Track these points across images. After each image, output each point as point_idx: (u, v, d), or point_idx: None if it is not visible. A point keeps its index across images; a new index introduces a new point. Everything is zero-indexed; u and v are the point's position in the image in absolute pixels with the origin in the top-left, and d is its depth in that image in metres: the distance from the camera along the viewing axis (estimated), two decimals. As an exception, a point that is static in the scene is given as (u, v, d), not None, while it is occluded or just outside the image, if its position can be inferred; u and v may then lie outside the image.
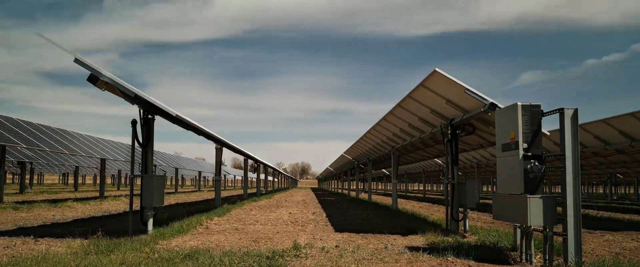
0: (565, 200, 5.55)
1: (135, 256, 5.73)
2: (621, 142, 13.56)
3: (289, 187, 73.02)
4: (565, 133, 5.58)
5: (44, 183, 61.05)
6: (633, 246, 8.00)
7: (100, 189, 21.78)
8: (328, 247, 6.96)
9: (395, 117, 11.30)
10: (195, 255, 5.82)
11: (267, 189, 34.33)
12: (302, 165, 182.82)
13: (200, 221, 10.49)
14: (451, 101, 8.65)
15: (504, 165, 6.09)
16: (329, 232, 9.38)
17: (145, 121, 8.35)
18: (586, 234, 9.37)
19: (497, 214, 6.23)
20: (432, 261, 5.84)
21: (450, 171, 9.36)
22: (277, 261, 5.70)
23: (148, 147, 8.39)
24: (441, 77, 7.79)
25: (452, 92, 8.19)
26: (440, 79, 7.86)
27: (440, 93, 8.68)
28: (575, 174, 5.58)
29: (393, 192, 16.87)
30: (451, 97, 8.52)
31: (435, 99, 9.11)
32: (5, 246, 6.77)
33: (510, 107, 5.92)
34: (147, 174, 8.38)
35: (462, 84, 7.58)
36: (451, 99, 8.57)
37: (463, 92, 7.64)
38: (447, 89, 8.20)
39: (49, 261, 5.24)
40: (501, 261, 5.95)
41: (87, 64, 6.68)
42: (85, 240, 7.02)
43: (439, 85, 8.28)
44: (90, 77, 6.68)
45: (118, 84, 6.99)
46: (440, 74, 7.75)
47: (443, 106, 9.10)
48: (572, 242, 5.50)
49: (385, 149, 17.85)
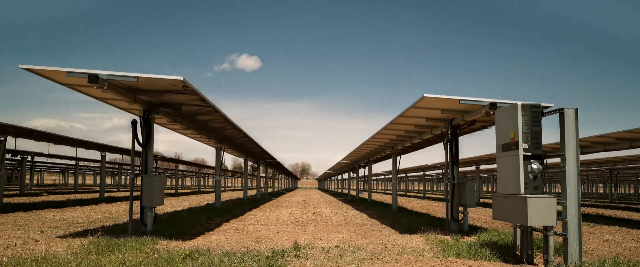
0: (565, 200, 5.55)
1: (135, 256, 5.73)
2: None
3: (289, 187, 73.02)
4: (565, 133, 5.58)
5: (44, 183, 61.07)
6: (633, 245, 8.00)
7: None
8: (328, 247, 6.96)
9: (393, 126, 11.31)
10: (195, 255, 5.82)
11: (267, 189, 34.33)
12: (302, 165, 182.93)
13: (201, 220, 10.49)
14: (447, 109, 8.66)
15: (504, 165, 6.08)
16: (329, 232, 9.38)
17: (146, 121, 8.36)
18: (586, 234, 9.37)
19: (497, 214, 6.22)
20: (432, 261, 5.84)
21: (450, 170, 9.36)
22: (277, 261, 5.70)
23: (148, 147, 8.39)
24: (431, 99, 7.79)
25: (446, 103, 8.16)
26: (430, 99, 7.85)
27: (433, 107, 8.62)
28: (576, 174, 5.58)
29: (393, 192, 16.87)
30: (446, 107, 8.51)
31: (429, 112, 9.08)
32: (6, 246, 6.77)
33: (511, 107, 5.92)
34: (147, 174, 8.38)
35: (454, 98, 7.59)
36: (446, 108, 8.59)
37: (458, 103, 7.67)
38: (440, 103, 8.19)
39: (49, 261, 5.24)
40: (501, 261, 5.95)
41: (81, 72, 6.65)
42: (85, 240, 7.02)
43: (430, 103, 8.26)
44: (90, 78, 6.65)
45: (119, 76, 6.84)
46: (429, 97, 7.72)
47: (439, 115, 9.14)
48: (572, 242, 5.50)
49: (386, 150, 17.87)
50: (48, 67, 6.63)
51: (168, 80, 6.86)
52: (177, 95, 8.04)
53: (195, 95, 7.93)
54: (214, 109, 9.21)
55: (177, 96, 8.10)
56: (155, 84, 7.26)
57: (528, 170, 5.63)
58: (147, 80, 6.96)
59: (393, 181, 16.88)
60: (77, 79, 7.01)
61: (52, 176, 79.43)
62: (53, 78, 7.25)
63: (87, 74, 6.52)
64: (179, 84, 7.10)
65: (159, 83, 7.22)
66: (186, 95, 8.01)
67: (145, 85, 7.40)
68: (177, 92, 7.85)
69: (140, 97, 8.07)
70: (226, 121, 10.97)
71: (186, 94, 7.89)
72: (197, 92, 7.66)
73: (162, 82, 7.09)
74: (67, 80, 7.46)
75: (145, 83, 7.19)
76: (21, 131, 15.14)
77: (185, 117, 10.41)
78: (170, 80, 6.91)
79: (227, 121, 10.84)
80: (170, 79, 6.79)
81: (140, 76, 6.71)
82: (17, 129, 14.44)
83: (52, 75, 7.00)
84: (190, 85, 7.16)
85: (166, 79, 6.82)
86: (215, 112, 9.65)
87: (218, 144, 15.64)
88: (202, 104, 8.83)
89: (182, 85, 7.21)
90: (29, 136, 16.39)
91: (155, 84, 7.32)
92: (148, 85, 7.42)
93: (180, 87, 7.39)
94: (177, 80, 6.77)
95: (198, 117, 10.57)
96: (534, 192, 5.62)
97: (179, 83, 7.06)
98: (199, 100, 8.49)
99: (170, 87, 7.57)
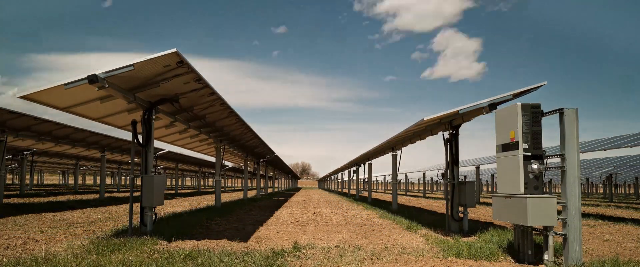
0: (569, 200, 5.55)
1: (135, 256, 5.73)
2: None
3: (289, 187, 73.02)
4: (565, 133, 5.58)
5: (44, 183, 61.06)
6: (633, 245, 8.00)
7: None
8: (328, 247, 6.96)
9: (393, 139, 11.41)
10: (195, 255, 5.82)
11: (267, 189, 34.34)
12: (303, 165, 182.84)
13: (201, 221, 10.50)
14: (446, 116, 8.67)
15: (504, 165, 6.08)
16: (329, 232, 9.38)
17: (145, 121, 8.36)
18: (586, 234, 9.38)
19: (497, 214, 6.22)
20: (432, 261, 5.84)
21: (450, 171, 9.36)
22: (277, 261, 5.70)
23: (148, 148, 8.39)
24: (431, 119, 8.10)
25: (446, 116, 8.24)
26: (430, 119, 8.14)
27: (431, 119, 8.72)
28: (576, 174, 5.58)
29: (393, 192, 16.88)
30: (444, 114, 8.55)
31: (428, 122, 9.13)
32: (6, 246, 6.78)
33: (510, 107, 5.92)
34: (147, 174, 8.38)
35: (454, 110, 7.70)
36: (444, 115, 8.61)
37: (457, 112, 7.74)
38: (440, 117, 8.28)
39: (49, 261, 5.24)
40: (501, 261, 5.95)
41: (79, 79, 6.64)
42: (85, 240, 7.02)
43: (430, 121, 8.41)
44: (90, 79, 6.64)
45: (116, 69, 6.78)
46: (429, 118, 8.05)
47: (438, 121, 9.18)
48: (573, 242, 5.50)
49: (385, 152, 17.93)
50: (43, 87, 6.59)
51: (162, 57, 6.66)
52: (174, 80, 7.81)
53: (191, 73, 7.69)
54: (210, 89, 8.86)
55: (174, 81, 7.87)
56: (151, 67, 7.07)
57: (528, 170, 5.64)
58: (142, 65, 6.77)
59: (393, 181, 16.89)
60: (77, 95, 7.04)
61: (52, 176, 79.45)
62: (52, 103, 7.45)
63: (86, 77, 6.49)
64: (173, 59, 6.92)
65: (154, 66, 7.04)
66: (182, 77, 7.77)
67: (142, 71, 7.21)
68: (174, 76, 7.67)
69: (139, 95, 8.06)
70: (223, 105, 10.60)
71: (182, 75, 7.70)
72: (191, 68, 7.37)
73: (157, 63, 6.94)
74: (66, 102, 7.55)
75: (141, 69, 6.99)
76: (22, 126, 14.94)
77: (184, 111, 10.29)
78: (164, 58, 6.75)
79: (224, 105, 10.55)
80: (164, 55, 6.61)
81: (135, 62, 6.58)
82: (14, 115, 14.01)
83: (49, 98, 7.10)
84: (184, 59, 6.95)
85: (160, 56, 6.61)
86: (211, 94, 9.32)
87: (218, 143, 15.65)
88: (198, 86, 8.53)
89: (177, 61, 7.02)
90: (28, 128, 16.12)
91: (151, 68, 7.13)
92: (144, 71, 7.23)
93: (174, 64, 7.18)
94: (170, 54, 6.59)
95: (195, 110, 10.43)
96: (534, 192, 5.62)
97: (173, 58, 6.89)
98: (195, 82, 8.24)
99: (166, 71, 7.43)
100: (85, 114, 8.61)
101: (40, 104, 7.39)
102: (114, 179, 63.93)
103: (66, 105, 7.91)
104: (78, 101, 7.85)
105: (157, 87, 7.95)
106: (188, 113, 10.56)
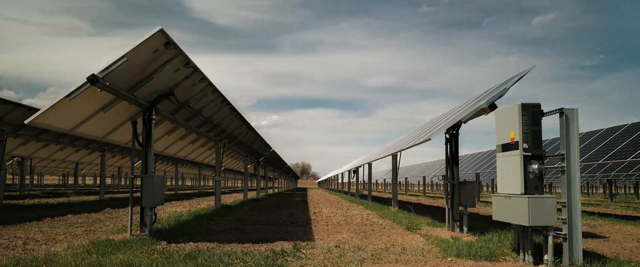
0: (566, 200, 5.56)
1: (135, 256, 5.73)
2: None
3: (289, 187, 73.04)
4: (565, 133, 5.59)
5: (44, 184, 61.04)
6: (633, 245, 8.00)
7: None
8: (328, 247, 6.96)
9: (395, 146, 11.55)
10: (195, 255, 5.82)
11: (267, 190, 34.34)
12: (303, 165, 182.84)
13: (201, 221, 10.50)
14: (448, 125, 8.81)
15: (504, 165, 6.08)
16: (330, 232, 9.38)
17: (145, 121, 8.37)
18: (586, 234, 9.38)
19: (497, 215, 6.22)
20: (432, 261, 5.84)
21: (450, 171, 9.36)
22: (277, 261, 5.70)
23: (148, 148, 8.39)
24: None
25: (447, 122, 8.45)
26: None
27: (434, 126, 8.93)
28: (576, 174, 5.58)
29: (393, 193, 16.88)
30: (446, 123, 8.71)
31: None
32: (6, 246, 6.78)
33: (510, 107, 5.92)
34: (147, 174, 8.38)
35: (453, 117, 7.82)
36: (447, 122, 8.76)
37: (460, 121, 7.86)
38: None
39: (50, 261, 5.25)
40: (501, 261, 5.95)
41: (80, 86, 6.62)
42: (85, 240, 7.02)
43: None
44: (90, 79, 6.63)
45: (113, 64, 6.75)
46: None
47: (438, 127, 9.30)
48: (573, 242, 5.51)
49: (386, 154, 17.95)
50: (47, 106, 6.59)
51: (149, 40, 6.65)
52: (166, 69, 7.72)
53: (180, 55, 7.64)
54: (200, 74, 8.72)
55: (166, 70, 7.76)
56: (142, 54, 6.96)
57: (528, 170, 5.64)
58: (134, 53, 6.67)
59: (393, 182, 16.89)
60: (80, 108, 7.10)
61: (52, 177, 79.45)
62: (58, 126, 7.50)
63: (86, 78, 6.46)
64: (160, 41, 6.90)
65: (145, 53, 7.00)
66: (172, 62, 7.71)
67: (136, 61, 7.11)
68: (165, 63, 7.62)
69: (138, 94, 8.05)
70: (215, 93, 10.49)
71: (171, 60, 7.63)
72: (179, 49, 7.26)
73: (147, 49, 6.91)
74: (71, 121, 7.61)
75: (134, 58, 6.89)
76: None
77: (182, 107, 10.25)
78: (152, 40, 6.71)
79: (216, 92, 10.41)
80: (151, 36, 6.58)
81: (127, 51, 6.53)
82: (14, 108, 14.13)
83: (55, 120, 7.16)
84: (170, 39, 6.89)
85: (148, 39, 6.60)
86: (202, 79, 9.18)
87: (218, 142, 15.64)
88: (188, 71, 8.35)
89: (164, 43, 7.00)
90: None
91: (143, 55, 7.03)
92: (138, 61, 7.13)
93: (162, 48, 7.12)
94: (156, 33, 6.58)
95: (191, 104, 10.38)
96: (534, 193, 5.63)
97: (160, 39, 6.86)
98: (184, 67, 8.13)
99: (156, 57, 7.37)
100: (90, 133, 8.61)
101: (48, 128, 7.49)
102: (114, 180, 63.93)
103: (72, 126, 7.87)
104: (82, 117, 7.82)
105: (152, 80, 7.89)
106: (185, 110, 10.54)
